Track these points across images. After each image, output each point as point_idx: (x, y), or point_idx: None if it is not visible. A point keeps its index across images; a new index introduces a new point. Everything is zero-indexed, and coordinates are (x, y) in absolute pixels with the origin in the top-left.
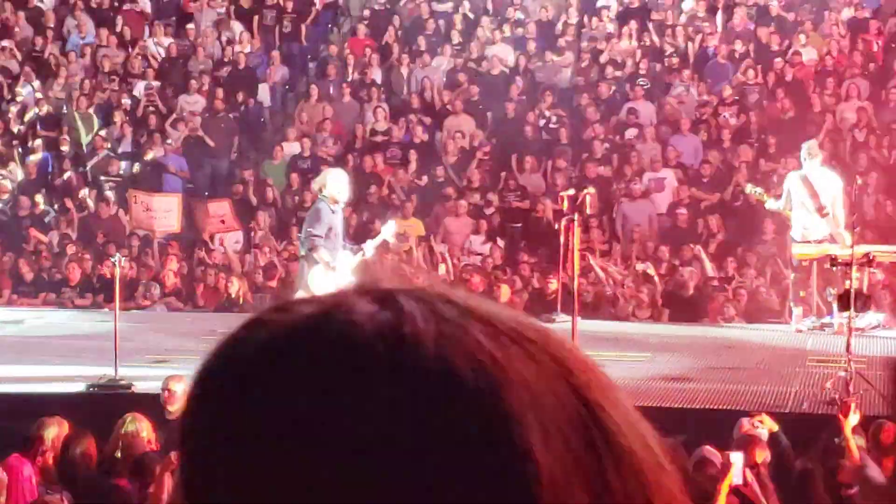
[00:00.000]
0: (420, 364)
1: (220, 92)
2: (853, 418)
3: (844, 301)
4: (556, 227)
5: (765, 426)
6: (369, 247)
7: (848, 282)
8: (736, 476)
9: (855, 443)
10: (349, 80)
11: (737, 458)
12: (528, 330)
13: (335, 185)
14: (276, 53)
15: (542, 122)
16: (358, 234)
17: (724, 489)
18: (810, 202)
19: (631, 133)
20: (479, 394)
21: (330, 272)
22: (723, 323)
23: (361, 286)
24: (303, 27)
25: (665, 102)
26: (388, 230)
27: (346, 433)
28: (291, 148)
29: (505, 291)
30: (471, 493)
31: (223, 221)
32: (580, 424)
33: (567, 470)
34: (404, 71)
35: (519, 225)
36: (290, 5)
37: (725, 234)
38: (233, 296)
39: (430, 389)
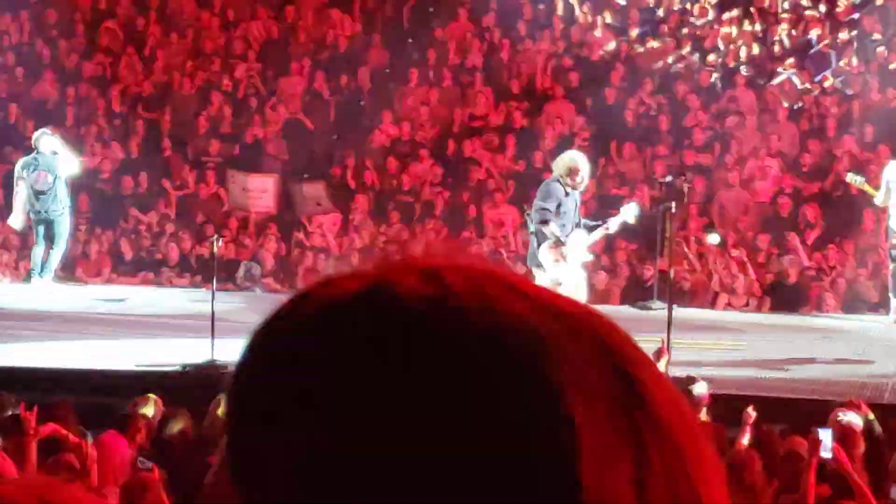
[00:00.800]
0: (464, 337)
1: (320, 75)
2: None
3: None
4: (654, 213)
5: (860, 413)
6: (612, 224)
7: None
8: (825, 451)
9: None
10: (449, 64)
11: (825, 434)
12: (571, 307)
13: (569, 167)
14: (376, 37)
15: (642, 109)
16: (454, 217)
17: (813, 464)
18: None
19: (731, 121)
20: (523, 365)
21: (560, 247)
22: (821, 313)
23: (408, 262)
24: (404, 11)
25: (767, 90)
26: (630, 212)
27: (385, 407)
28: (390, 132)
29: (602, 278)
30: (513, 460)
31: (319, 204)
32: (622, 400)
33: (609, 443)
34: (504, 56)
35: (617, 211)
36: None
37: (825, 223)
38: None
39: (474, 361)
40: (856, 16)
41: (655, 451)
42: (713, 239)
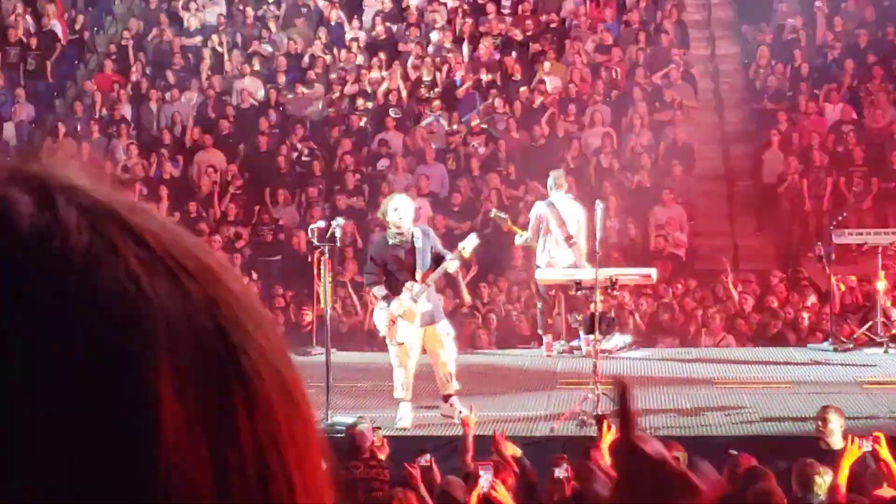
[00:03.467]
0: (58, 285)
1: None
2: (609, 435)
3: (590, 324)
4: (310, 259)
5: (508, 451)
6: (451, 265)
7: (592, 305)
8: (484, 486)
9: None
10: (97, 116)
11: (484, 469)
12: (188, 259)
13: (390, 213)
14: (20, 91)
15: (294, 155)
16: None
17: (474, 499)
18: (558, 231)
19: (383, 164)
20: (115, 324)
21: (387, 307)
22: (475, 350)
23: (24, 174)
24: (48, 64)
25: (415, 132)
26: (470, 243)
27: None
28: None
29: None
30: (83, 439)
31: None
32: (218, 366)
33: (194, 418)
34: (154, 106)
35: (277, 258)
36: (34, 42)
37: (478, 261)
38: None
39: (66, 314)
40: (497, 57)
41: (245, 423)
42: None
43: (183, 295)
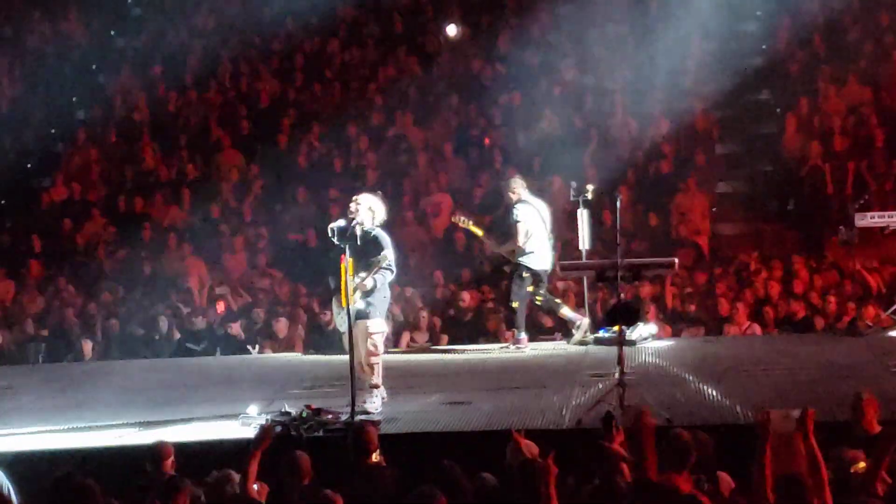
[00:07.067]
0: None
1: None
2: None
3: (613, 315)
4: (333, 258)
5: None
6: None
7: (616, 296)
8: None
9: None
10: (116, 120)
11: None
12: None
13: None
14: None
15: (313, 153)
16: (125, 274)
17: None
18: (543, 232)
19: (403, 159)
20: None
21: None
22: (500, 343)
23: None
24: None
25: (433, 128)
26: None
27: None
28: (61, 192)
29: (282, 325)
30: None
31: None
32: None
33: None
34: (171, 108)
35: (298, 258)
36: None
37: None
38: None
39: None
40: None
41: None
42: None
43: None
